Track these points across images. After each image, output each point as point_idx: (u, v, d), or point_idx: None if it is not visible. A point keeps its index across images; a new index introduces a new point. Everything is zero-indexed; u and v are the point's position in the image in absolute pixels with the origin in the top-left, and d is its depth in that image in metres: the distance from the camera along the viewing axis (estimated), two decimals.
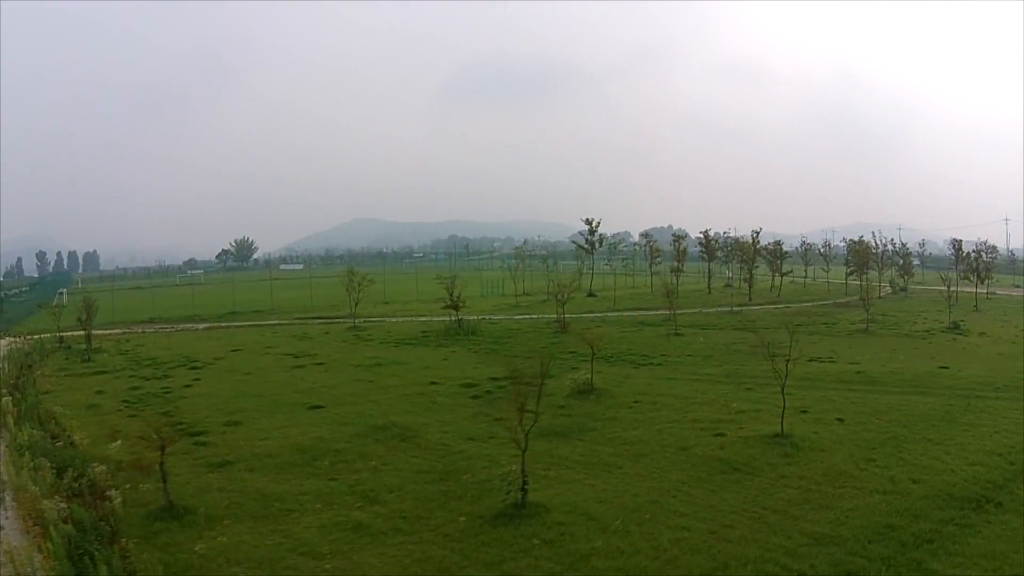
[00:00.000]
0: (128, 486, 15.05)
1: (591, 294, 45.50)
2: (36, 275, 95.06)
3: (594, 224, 57.42)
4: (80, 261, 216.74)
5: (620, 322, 40.58)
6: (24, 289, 69.91)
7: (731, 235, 68.69)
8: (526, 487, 12.85)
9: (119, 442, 18.06)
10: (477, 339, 36.07)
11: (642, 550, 11.04)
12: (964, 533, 11.63)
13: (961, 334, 37.12)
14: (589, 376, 22.09)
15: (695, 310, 48.48)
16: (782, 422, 17.12)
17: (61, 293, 74.29)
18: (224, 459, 17.10)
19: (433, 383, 25.35)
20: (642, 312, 48.02)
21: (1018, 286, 70.74)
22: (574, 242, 61.48)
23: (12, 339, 40.31)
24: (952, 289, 44.79)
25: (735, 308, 49.13)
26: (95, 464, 16.47)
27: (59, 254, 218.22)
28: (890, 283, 65.02)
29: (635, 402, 21.00)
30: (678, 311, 42.05)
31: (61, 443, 18.44)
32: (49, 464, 16.55)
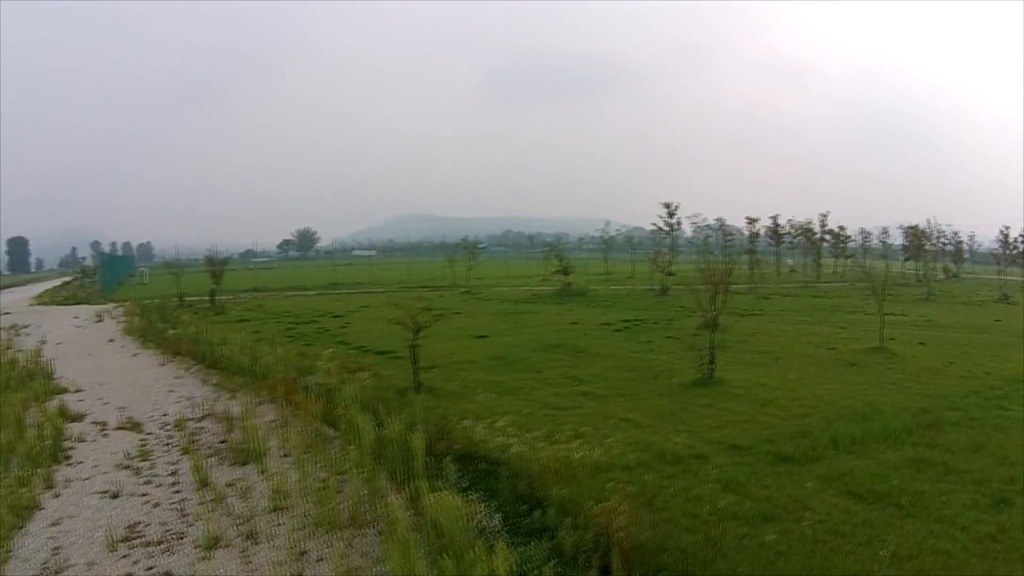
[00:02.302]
0: (370, 371, 17.62)
1: (670, 273, 49.83)
2: (90, 264, 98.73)
3: (672, 207, 61.09)
4: (135, 252, 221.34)
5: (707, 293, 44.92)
6: (99, 268, 73.91)
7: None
8: (714, 363, 17.08)
9: (331, 350, 20.97)
10: (588, 299, 39.69)
11: (807, 398, 15.14)
12: None
13: (1011, 304, 40.98)
14: (712, 315, 26.33)
15: (770, 285, 51.57)
16: (881, 336, 21.39)
17: (143, 272, 79.30)
18: (430, 364, 18.43)
19: (573, 323, 28.64)
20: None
21: None
22: (654, 224, 65.28)
23: (115, 304, 42.74)
24: (1002, 276, 48.82)
25: (807, 284, 53.30)
26: (322, 362, 18.44)
27: (113, 244, 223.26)
28: (943, 269, 68.46)
29: (752, 334, 24.93)
30: (755, 286, 46.31)
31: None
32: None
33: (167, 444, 12.93)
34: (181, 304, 38.68)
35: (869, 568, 7.53)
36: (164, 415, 15.02)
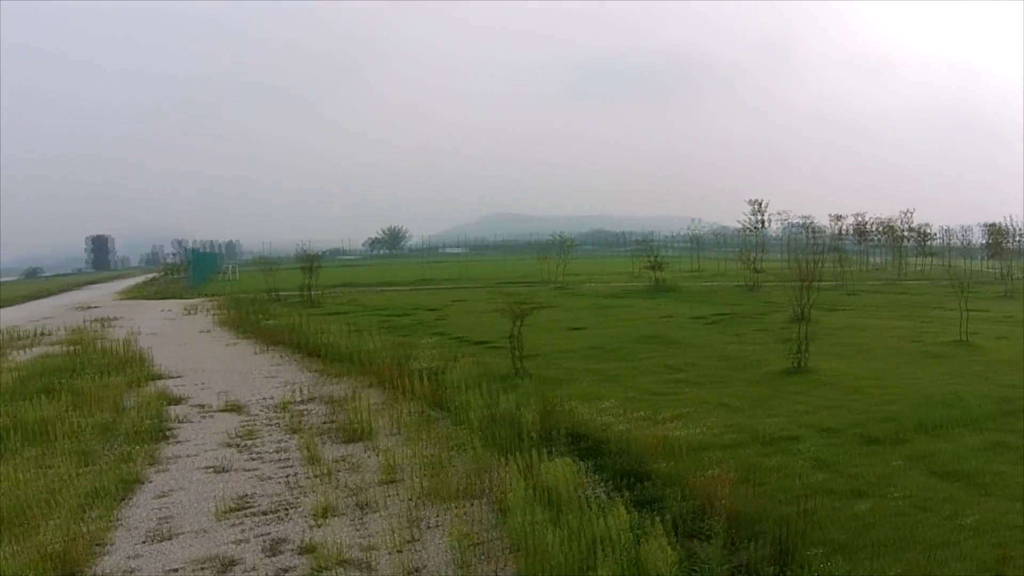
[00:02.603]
0: (471, 357, 18.02)
1: (758, 270, 49.74)
2: (175, 261, 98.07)
3: (760, 205, 59.68)
4: (222, 249, 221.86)
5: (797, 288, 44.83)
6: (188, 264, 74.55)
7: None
8: (804, 353, 17.45)
9: (430, 339, 21.88)
10: (680, 294, 39.72)
11: (894, 387, 15.45)
12: None
13: None
14: (802, 308, 26.61)
15: (855, 282, 50.13)
16: (964, 330, 21.38)
17: (232, 268, 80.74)
18: (529, 353, 17.91)
19: (665, 316, 28.96)
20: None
21: None
22: (739, 222, 64.34)
23: (204, 298, 42.69)
24: None
25: (890, 281, 52.48)
26: (422, 350, 19.38)
27: (197, 242, 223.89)
28: None
29: (840, 328, 25.10)
30: (840, 283, 45.66)
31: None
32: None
33: (271, 424, 13.25)
34: (274, 298, 38.31)
35: (952, 538, 8.13)
36: (266, 399, 15.35)
